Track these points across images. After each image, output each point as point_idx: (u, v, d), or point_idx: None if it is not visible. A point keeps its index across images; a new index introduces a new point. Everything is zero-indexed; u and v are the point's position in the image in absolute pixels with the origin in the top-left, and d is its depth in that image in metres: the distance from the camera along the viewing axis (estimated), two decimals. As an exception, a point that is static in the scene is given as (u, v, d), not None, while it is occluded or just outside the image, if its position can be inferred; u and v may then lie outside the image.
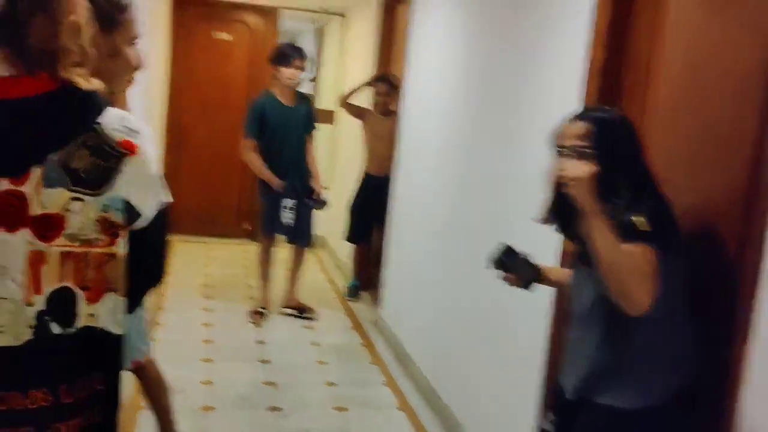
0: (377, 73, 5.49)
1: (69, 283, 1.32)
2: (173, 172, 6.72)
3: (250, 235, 7.05)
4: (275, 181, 4.73)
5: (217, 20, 6.91)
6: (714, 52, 1.97)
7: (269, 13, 6.93)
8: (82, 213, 1.31)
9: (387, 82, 5.34)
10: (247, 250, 6.73)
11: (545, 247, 2.59)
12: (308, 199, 4.86)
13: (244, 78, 6.94)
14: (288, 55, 4.75)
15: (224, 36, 6.93)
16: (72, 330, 1.34)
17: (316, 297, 5.28)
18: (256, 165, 4.78)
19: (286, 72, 4.72)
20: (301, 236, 4.99)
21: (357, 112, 5.48)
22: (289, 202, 4.76)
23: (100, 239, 1.33)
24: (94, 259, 1.34)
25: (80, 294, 1.34)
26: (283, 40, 7.41)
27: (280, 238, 5.04)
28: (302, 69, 4.79)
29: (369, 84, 5.44)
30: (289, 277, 5.10)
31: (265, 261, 4.98)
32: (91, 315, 1.35)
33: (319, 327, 4.88)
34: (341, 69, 7.02)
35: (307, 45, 8.78)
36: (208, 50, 6.89)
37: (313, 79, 7.48)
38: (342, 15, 7.11)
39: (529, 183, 2.83)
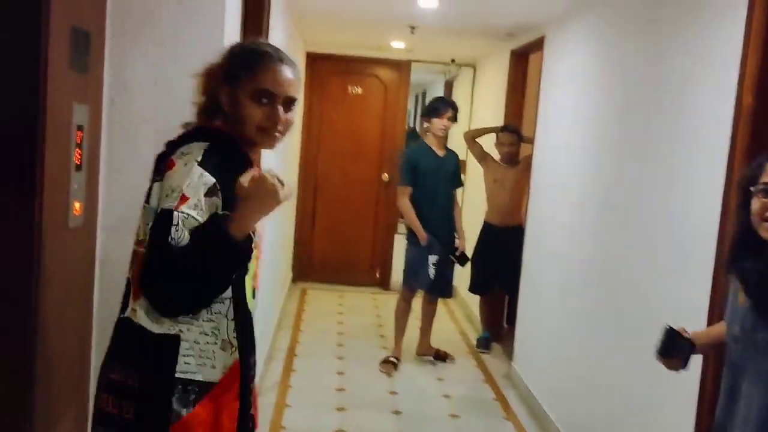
0: (498, 127, 5.48)
1: (129, 276, 1.63)
2: (308, 222, 7.00)
3: (382, 284, 7.14)
4: (422, 234, 4.82)
5: (350, 74, 7.16)
6: None
7: (401, 67, 7.11)
8: (143, 219, 1.61)
9: (513, 132, 5.33)
10: (378, 299, 6.81)
11: (693, 302, 2.45)
12: (452, 255, 4.97)
13: (377, 130, 7.13)
14: (439, 107, 4.96)
15: (357, 90, 7.16)
16: (121, 315, 1.62)
17: (447, 348, 5.23)
18: (408, 213, 4.90)
19: (438, 123, 4.90)
20: (442, 289, 5.06)
21: (481, 153, 5.47)
22: (434, 259, 4.85)
23: (146, 240, 1.58)
24: (137, 257, 1.61)
25: (131, 287, 1.61)
26: (413, 92, 7.58)
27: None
28: (453, 120, 4.96)
29: (495, 130, 5.44)
30: (423, 325, 5.14)
31: (404, 312, 5.05)
32: (134, 310, 1.59)
33: (450, 379, 4.82)
34: (471, 120, 7.05)
35: (436, 95, 8.93)
36: (342, 103, 7.15)
37: (428, 128, 7.55)
38: (472, 66, 7.18)
39: (673, 234, 2.70)
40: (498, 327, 5.69)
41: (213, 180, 1.55)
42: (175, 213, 1.51)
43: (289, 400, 4.19)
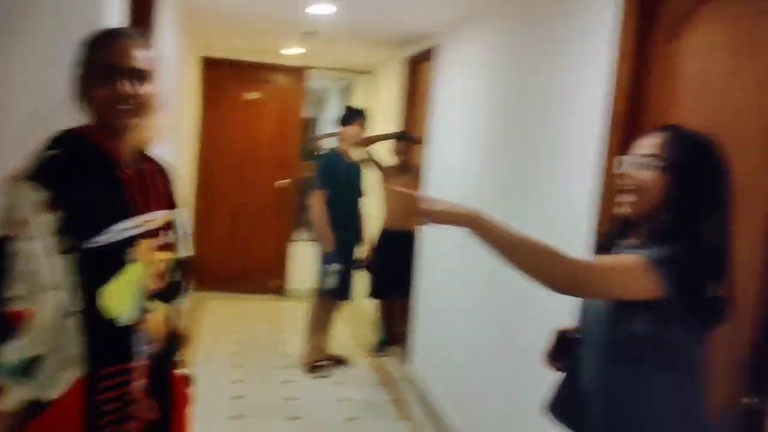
0: (394, 134, 5.58)
1: None
2: (204, 229, 6.84)
3: (280, 291, 7.09)
4: (328, 241, 4.84)
5: (246, 80, 7.09)
6: (731, 108, 1.98)
7: (297, 73, 7.10)
8: None
9: (406, 140, 5.42)
10: (277, 306, 6.76)
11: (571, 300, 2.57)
12: (357, 262, 5.10)
13: (273, 136, 7.09)
14: (350, 115, 5.13)
15: (254, 95, 7.10)
16: None
17: (345, 353, 5.26)
18: (320, 218, 4.89)
19: (349, 130, 5.05)
20: (343, 294, 5.08)
21: (375, 160, 5.54)
22: (337, 266, 4.87)
23: None
24: None
25: None
26: (310, 98, 7.58)
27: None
28: (363, 128, 5.12)
29: (389, 137, 5.53)
30: (321, 330, 5.12)
31: (320, 317, 5.05)
32: None
33: (348, 383, 4.85)
34: (368, 125, 7.12)
35: (333, 103, 8.98)
36: (238, 109, 7.06)
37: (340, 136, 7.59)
38: (368, 73, 7.26)
39: (556, 234, 2.83)
40: (395, 330, 5.76)
41: (46, 194, 1.49)
42: (11, 242, 1.47)
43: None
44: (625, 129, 2.40)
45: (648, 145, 1.63)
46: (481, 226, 1.58)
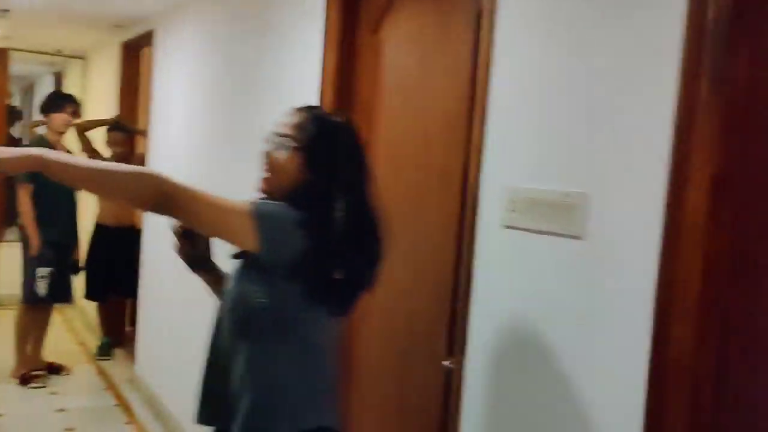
0: (111, 120, 5.23)
1: None
2: None
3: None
4: (35, 243, 4.41)
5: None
6: (423, 94, 2.15)
7: (-3, 55, 6.36)
8: None
9: (122, 130, 5.09)
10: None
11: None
12: (70, 261, 4.76)
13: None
14: (59, 102, 4.70)
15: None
16: None
17: (63, 359, 4.85)
18: (27, 214, 4.42)
19: (59, 118, 4.61)
20: (59, 297, 4.67)
21: (90, 149, 5.11)
22: (44, 271, 4.46)
23: None
24: None
25: None
26: (16, 84, 6.87)
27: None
28: (75, 115, 4.74)
29: (106, 123, 5.16)
30: (33, 337, 4.67)
31: (29, 324, 4.59)
32: None
33: (66, 392, 4.47)
34: (83, 113, 6.62)
35: (45, 89, 8.23)
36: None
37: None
38: (82, 58, 6.74)
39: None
40: (120, 332, 5.44)
41: None
42: None
43: None
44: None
45: (284, 124, 1.66)
46: (50, 162, 1.49)
